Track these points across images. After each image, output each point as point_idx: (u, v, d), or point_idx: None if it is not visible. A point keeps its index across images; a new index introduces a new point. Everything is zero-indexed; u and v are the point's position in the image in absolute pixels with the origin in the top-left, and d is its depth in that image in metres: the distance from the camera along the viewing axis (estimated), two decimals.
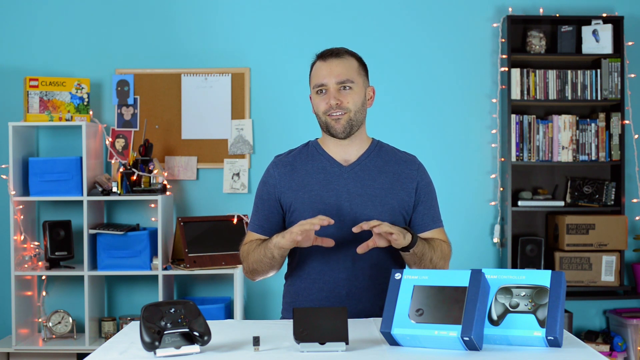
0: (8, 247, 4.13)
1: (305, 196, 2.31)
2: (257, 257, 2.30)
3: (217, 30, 4.39)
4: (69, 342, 4.09)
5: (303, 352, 1.77)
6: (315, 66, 2.34)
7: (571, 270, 4.18)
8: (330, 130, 2.31)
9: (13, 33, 4.39)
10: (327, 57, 2.32)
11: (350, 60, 2.33)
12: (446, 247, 2.38)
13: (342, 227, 2.28)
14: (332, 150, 2.37)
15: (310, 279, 2.31)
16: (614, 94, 4.25)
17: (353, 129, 2.31)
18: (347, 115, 2.29)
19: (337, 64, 2.30)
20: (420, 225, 2.37)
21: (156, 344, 1.74)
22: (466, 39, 4.40)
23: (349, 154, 2.36)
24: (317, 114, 2.34)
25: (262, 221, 2.37)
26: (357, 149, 2.36)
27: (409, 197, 2.34)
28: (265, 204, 2.37)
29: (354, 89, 2.30)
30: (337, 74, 2.28)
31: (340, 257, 2.28)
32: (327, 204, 2.29)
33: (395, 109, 4.39)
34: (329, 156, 2.36)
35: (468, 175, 4.41)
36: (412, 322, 1.78)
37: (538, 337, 1.75)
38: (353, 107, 2.30)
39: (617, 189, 4.28)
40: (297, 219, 2.30)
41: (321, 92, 2.30)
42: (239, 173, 4.35)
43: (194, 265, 4.01)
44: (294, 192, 2.32)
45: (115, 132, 4.35)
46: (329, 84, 2.28)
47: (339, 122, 2.29)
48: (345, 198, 2.30)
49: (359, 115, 2.32)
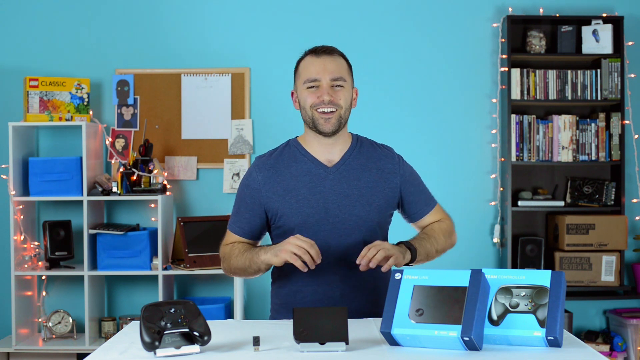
0: (8, 247, 4.13)
1: (292, 200, 2.28)
2: (241, 264, 2.30)
3: (217, 30, 4.39)
4: (69, 342, 4.09)
5: (303, 352, 1.77)
6: (306, 61, 2.31)
7: (571, 270, 4.18)
8: (317, 127, 2.29)
9: (13, 33, 4.39)
10: (320, 54, 2.30)
11: (341, 59, 2.32)
12: (445, 225, 2.40)
13: (332, 229, 2.28)
14: (314, 149, 2.34)
15: (302, 282, 2.30)
16: (614, 94, 4.25)
17: (341, 126, 2.30)
18: (337, 112, 2.27)
19: (330, 61, 2.29)
20: (417, 213, 2.40)
21: (156, 344, 1.74)
22: (466, 39, 4.40)
23: (332, 154, 2.34)
24: (304, 109, 2.31)
25: (244, 224, 2.35)
26: (341, 148, 2.35)
27: (394, 192, 2.34)
28: (247, 207, 2.34)
29: (345, 88, 2.30)
30: (331, 70, 2.27)
31: (332, 259, 2.27)
32: (315, 207, 2.27)
33: (395, 109, 4.38)
34: (313, 157, 2.33)
35: (468, 175, 4.41)
36: (412, 322, 1.78)
37: (538, 337, 1.75)
38: (344, 105, 2.29)
39: (617, 189, 4.28)
40: (284, 223, 2.29)
41: (312, 87, 2.28)
42: (239, 173, 4.35)
43: (194, 265, 4.01)
44: (280, 197, 2.30)
45: (115, 132, 4.35)
46: (322, 79, 2.27)
47: (329, 122, 2.27)
48: (333, 200, 2.29)
49: (347, 113, 2.32)
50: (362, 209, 2.28)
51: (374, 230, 2.32)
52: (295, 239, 2.13)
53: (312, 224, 2.27)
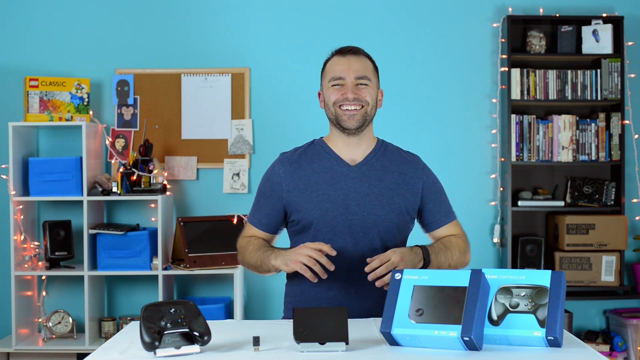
0: (8, 247, 4.13)
1: (313, 195, 2.31)
2: (253, 262, 2.33)
3: (217, 30, 4.39)
4: (69, 342, 4.09)
5: (303, 352, 1.77)
6: (333, 61, 2.36)
7: (571, 270, 4.18)
8: (341, 123, 2.32)
9: (13, 33, 4.39)
10: (345, 53, 2.35)
11: (367, 60, 2.37)
12: (462, 242, 2.42)
13: (350, 226, 2.30)
14: (339, 148, 2.37)
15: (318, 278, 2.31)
16: (614, 94, 4.25)
17: (365, 123, 2.33)
18: (364, 109, 2.31)
19: (355, 60, 2.34)
20: (434, 223, 2.41)
21: (156, 344, 1.74)
22: (466, 39, 4.40)
23: (356, 153, 2.37)
24: (328, 106, 2.35)
25: (262, 216, 2.39)
26: (365, 148, 2.38)
27: (415, 197, 2.36)
28: (267, 200, 2.38)
29: (370, 86, 2.34)
30: (356, 69, 2.32)
31: (348, 255, 2.29)
32: (334, 202, 2.30)
33: (395, 109, 4.38)
34: (336, 155, 2.37)
35: (468, 175, 4.41)
36: (412, 322, 1.78)
37: (538, 337, 1.75)
38: (371, 101, 2.33)
39: (617, 189, 4.28)
40: (303, 218, 2.31)
41: (337, 85, 2.32)
42: (239, 173, 4.35)
43: (194, 265, 4.01)
44: (300, 191, 2.33)
45: (115, 132, 4.35)
46: (347, 77, 2.31)
47: (353, 118, 2.30)
48: (353, 197, 2.31)
49: (373, 111, 2.36)
50: (381, 209, 2.31)
51: (391, 231, 2.33)
52: (306, 248, 2.14)
53: (330, 220, 2.29)
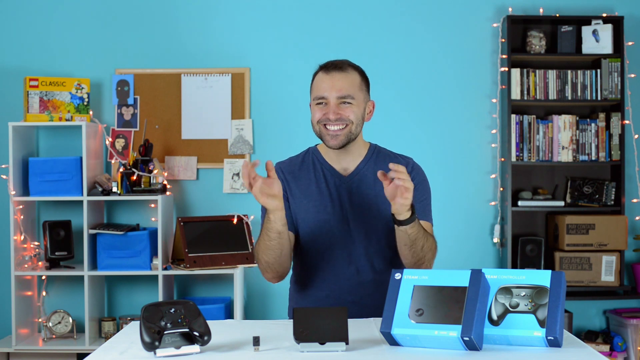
0: (8, 247, 4.13)
1: (310, 205, 2.33)
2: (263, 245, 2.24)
3: (217, 30, 4.39)
4: (69, 342, 4.09)
5: (303, 352, 1.77)
6: (318, 77, 2.32)
7: (571, 270, 4.18)
8: (324, 142, 2.32)
9: (13, 33, 4.39)
10: (330, 70, 2.30)
11: (353, 74, 2.31)
12: (433, 242, 2.32)
13: (345, 237, 2.32)
14: (331, 158, 2.38)
15: (316, 287, 2.35)
16: (614, 94, 4.25)
17: (350, 141, 2.31)
18: (347, 127, 2.28)
19: (339, 78, 2.28)
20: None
21: (156, 344, 1.74)
22: (466, 39, 4.40)
23: (347, 162, 2.37)
24: (312, 123, 2.33)
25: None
26: (355, 157, 2.37)
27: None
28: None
29: (354, 104, 2.29)
30: (339, 88, 2.27)
31: (344, 265, 2.32)
32: (329, 213, 2.32)
33: (395, 109, 4.38)
34: (329, 165, 2.37)
35: (468, 175, 4.41)
36: (412, 322, 1.78)
37: (538, 337, 1.75)
38: (355, 120, 2.29)
39: (617, 189, 4.27)
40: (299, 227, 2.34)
41: (321, 104, 2.30)
42: (238, 173, 4.35)
43: (194, 265, 4.01)
44: (297, 200, 2.35)
45: (115, 132, 4.35)
46: (329, 97, 2.28)
47: (335, 138, 2.27)
48: (347, 208, 2.32)
49: (359, 128, 2.32)
50: (371, 219, 2.31)
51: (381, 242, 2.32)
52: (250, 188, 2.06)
53: (326, 231, 2.31)
